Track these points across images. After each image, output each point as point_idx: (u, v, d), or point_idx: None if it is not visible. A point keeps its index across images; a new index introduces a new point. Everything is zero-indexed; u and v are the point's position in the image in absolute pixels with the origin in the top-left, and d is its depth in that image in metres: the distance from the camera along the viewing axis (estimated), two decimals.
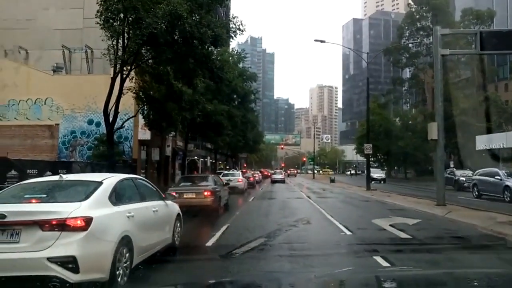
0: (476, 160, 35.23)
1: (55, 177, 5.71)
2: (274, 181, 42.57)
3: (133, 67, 15.59)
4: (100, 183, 5.39)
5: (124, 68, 15.62)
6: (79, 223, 4.54)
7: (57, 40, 27.55)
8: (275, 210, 14.93)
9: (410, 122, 56.55)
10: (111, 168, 15.84)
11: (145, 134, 24.29)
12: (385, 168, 76.07)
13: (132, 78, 16.66)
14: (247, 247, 7.37)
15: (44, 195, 5.18)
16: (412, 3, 60.92)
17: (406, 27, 61.60)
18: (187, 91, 18.51)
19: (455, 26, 56.14)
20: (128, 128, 24.49)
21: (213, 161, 49.24)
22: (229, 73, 26.19)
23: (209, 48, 15.53)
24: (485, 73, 54.11)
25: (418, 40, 64.80)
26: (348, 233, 9.12)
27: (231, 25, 16.83)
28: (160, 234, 6.53)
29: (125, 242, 5.10)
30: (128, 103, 19.62)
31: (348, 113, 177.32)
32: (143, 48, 15.28)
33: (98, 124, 24.05)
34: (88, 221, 4.59)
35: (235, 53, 38.22)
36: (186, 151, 30.80)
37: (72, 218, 4.52)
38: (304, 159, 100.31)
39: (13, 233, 4.46)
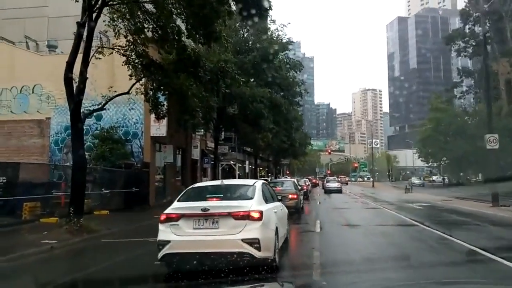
0: None
1: (218, 182, 8.25)
2: (328, 191, 35.31)
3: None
4: (254, 186, 7.09)
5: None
6: (257, 215, 6.14)
7: (70, 30, 22.85)
8: None
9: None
10: (79, 173, 9.57)
11: (159, 129, 18.14)
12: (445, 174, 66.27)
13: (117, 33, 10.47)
14: None
15: (221, 195, 6.81)
16: None
17: (471, 11, 53.28)
18: (209, 55, 12.07)
19: None
20: (138, 122, 18.49)
21: (253, 167, 42.60)
22: (270, 45, 19.75)
23: None
24: None
25: (488, 25, 56.06)
26: None
27: None
28: (284, 229, 8.21)
29: (276, 231, 6.73)
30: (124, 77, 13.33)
31: (395, 117, 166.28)
32: None
33: (98, 118, 18.27)
34: (261, 213, 6.22)
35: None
36: (217, 153, 24.38)
37: (252, 211, 6.16)
38: (356, 165, 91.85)
39: (213, 221, 6.06)
